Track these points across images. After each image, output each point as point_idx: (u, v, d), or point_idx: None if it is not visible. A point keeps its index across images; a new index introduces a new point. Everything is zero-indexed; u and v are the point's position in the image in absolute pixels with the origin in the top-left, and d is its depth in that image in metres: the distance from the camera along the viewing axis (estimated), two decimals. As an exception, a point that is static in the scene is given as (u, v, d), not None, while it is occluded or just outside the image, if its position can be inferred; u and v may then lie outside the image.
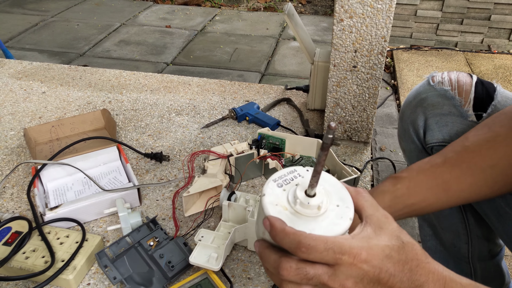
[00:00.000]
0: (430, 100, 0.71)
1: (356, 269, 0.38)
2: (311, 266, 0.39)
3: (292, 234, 0.39)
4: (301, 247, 0.38)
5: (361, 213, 0.44)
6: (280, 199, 0.43)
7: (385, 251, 0.39)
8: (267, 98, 1.43)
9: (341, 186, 0.45)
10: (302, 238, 0.38)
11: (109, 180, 1.01)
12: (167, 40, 2.69)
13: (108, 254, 0.78)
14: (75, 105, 1.37)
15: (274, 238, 0.40)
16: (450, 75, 0.71)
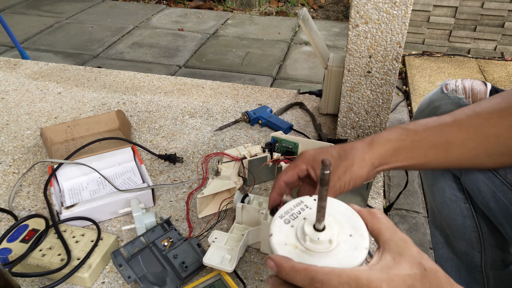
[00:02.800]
0: (443, 109, 0.71)
1: None
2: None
3: (303, 270, 0.37)
4: (315, 283, 0.36)
5: (378, 237, 0.42)
6: (288, 237, 0.41)
7: (407, 282, 0.37)
8: (279, 102, 1.44)
9: (352, 212, 0.43)
10: (314, 274, 0.36)
11: (124, 181, 1.02)
12: (179, 43, 2.71)
13: (123, 253, 0.79)
14: (90, 106, 1.38)
15: (285, 278, 0.38)
16: (464, 83, 0.71)
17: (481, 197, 0.69)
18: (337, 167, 0.56)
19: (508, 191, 0.63)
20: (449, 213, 0.78)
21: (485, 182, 0.67)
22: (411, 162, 0.59)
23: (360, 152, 0.57)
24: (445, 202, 0.78)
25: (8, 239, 0.83)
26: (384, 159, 0.58)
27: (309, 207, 0.45)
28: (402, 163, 0.59)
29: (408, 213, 1.41)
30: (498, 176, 0.65)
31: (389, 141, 0.58)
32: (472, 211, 0.76)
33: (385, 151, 0.58)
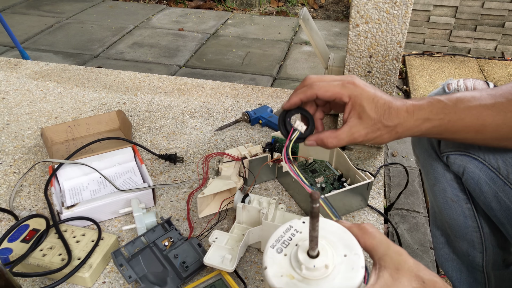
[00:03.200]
0: None
1: None
2: None
3: None
4: None
5: (372, 253, 0.42)
6: (283, 268, 0.41)
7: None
8: (280, 102, 1.44)
9: (343, 230, 0.43)
10: None
11: (124, 181, 1.02)
12: (180, 43, 2.71)
13: (124, 253, 0.79)
14: (90, 106, 1.38)
15: None
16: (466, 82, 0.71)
17: (482, 197, 0.69)
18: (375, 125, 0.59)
19: (510, 191, 0.63)
20: (450, 213, 0.78)
21: (487, 183, 0.67)
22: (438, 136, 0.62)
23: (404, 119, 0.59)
24: (447, 202, 0.78)
25: (9, 239, 0.83)
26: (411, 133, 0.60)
27: (299, 231, 0.44)
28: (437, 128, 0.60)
29: (408, 213, 1.41)
30: (500, 176, 0.65)
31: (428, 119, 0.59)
32: (474, 211, 0.76)
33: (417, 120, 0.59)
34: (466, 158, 0.67)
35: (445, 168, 0.74)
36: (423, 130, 0.59)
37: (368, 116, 0.58)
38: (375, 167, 1.14)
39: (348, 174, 0.99)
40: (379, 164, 1.16)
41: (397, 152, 1.73)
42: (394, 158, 1.69)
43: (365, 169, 1.13)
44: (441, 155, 0.72)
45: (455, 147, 0.69)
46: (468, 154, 0.67)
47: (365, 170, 1.10)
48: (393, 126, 0.59)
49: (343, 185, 0.96)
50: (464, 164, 0.68)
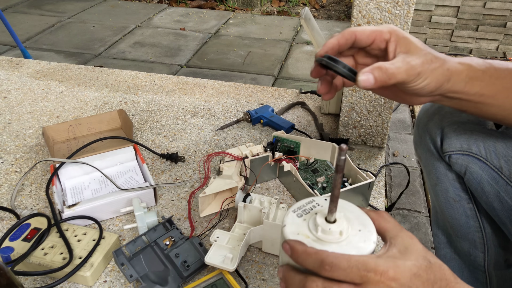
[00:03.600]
0: (447, 108, 0.71)
1: (384, 286, 0.37)
2: (337, 285, 0.38)
3: (314, 253, 0.39)
4: (325, 265, 0.38)
5: (384, 235, 0.43)
6: (301, 228, 0.44)
7: (412, 270, 0.38)
8: (281, 101, 1.44)
9: (361, 212, 0.45)
10: (324, 257, 0.38)
11: (126, 180, 1.02)
12: (181, 43, 2.71)
13: (125, 252, 0.79)
14: (92, 105, 1.39)
15: (296, 261, 0.40)
16: None
17: (484, 197, 0.68)
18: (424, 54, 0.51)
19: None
20: (452, 213, 0.78)
21: (489, 182, 0.66)
22: (479, 99, 0.54)
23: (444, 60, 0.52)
24: (449, 202, 0.78)
25: (10, 238, 0.83)
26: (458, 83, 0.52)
27: (321, 205, 0.47)
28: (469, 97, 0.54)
29: (409, 213, 1.41)
30: (503, 176, 0.64)
31: (470, 65, 0.53)
32: (476, 211, 0.76)
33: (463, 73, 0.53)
34: (468, 158, 0.67)
35: (447, 168, 0.74)
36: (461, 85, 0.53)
37: (416, 46, 0.51)
38: (376, 167, 1.14)
39: (350, 174, 0.99)
40: (380, 164, 1.16)
41: (398, 152, 1.73)
42: (395, 158, 1.69)
43: (366, 168, 1.13)
44: (443, 155, 0.72)
45: (458, 146, 0.69)
46: (470, 154, 0.67)
47: (367, 170, 1.09)
48: (443, 60, 0.52)
49: (345, 184, 0.96)
50: (466, 164, 0.68)
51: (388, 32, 0.52)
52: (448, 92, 0.52)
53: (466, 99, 0.54)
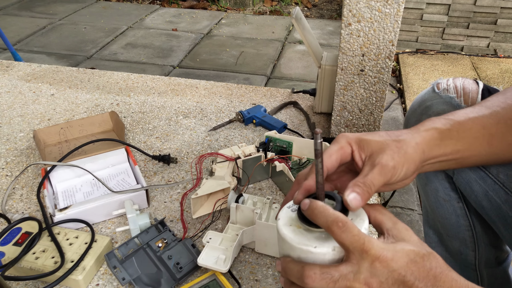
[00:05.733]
0: (435, 108, 0.71)
1: (381, 268, 0.38)
2: (335, 268, 0.39)
3: (329, 210, 0.40)
4: (338, 222, 0.39)
5: (380, 227, 0.44)
6: (293, 220, 0.45)
7: (410, 256, 0.39)
8: (273, 101, 1.44)
9: None
10: (338, 215, 0.40)
11: (118, 182, 1.02)
12: (173, 43, 2.71)
13: (117, 255, 0.79)
14: (83, 107, 1.38)
15: (311, 215, 0.41)
16: (456, 82, 0.70)
17: (473, 196, 0.69)
18: (388, 146, 0.47)
19: (500, 190, 0.64)
20: (442, 212, 0.78)
21: (478, 182, 0.67)
22: (456, 156, 0.53)
23: (410, 136, 0.49)
24: (439, 201, 0.78)
25: (1, 242, 0.82)
26: (432, 150, 0.51)
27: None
28: (447, 157, 0.53)
29: (403, 211, 1.42)
30: (490, 175, 0.65)
31: (436, 129, 0.52)
32: (466, 210, 0.76)
33: (433, 138, 0.51)
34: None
35: (436, 168, 0.74)
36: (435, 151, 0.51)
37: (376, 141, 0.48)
38: (368, 166, 1.14)
39: (342, 173, 0.99)
40: (373, 162, 1.16)
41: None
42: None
43: (359, 167, 1.13)
44: None
45: None
46: None
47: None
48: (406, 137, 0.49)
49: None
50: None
51: (348, 144, 0.48)
52: (427, 160, 0.51)
53: (446, 160, 0.53)
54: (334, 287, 0.39)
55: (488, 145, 0.55)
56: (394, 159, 0.46)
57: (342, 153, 0.48)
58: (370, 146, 0.47)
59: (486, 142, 0.54)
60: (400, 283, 0.38)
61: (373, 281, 0.38)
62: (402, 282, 0.38)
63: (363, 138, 0.48)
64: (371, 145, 0.47)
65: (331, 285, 0.39)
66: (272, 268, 0.83)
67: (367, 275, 0.38)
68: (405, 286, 0.38)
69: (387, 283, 0.38)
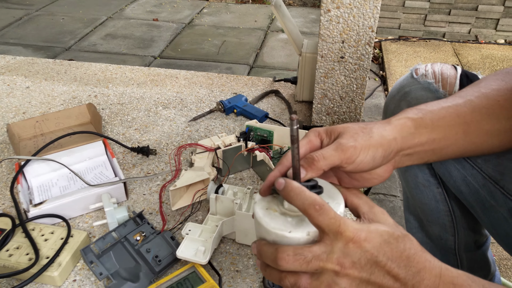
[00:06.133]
0: (413, 94, 0.70)
1: (354, 248, 0.38)
2: (308, 249, 0.39)
3: (307, 192, 0.40)
4: (315, 205, 0.39)
5: (357, 211, 0.44)
6: (270, 203, 0.45)
7: (383, 236, 0.39)
8: (255, 90, 1.42)
9: (332, 186, 0.46)
10: (316, 197, 0.40)
11: (95, 175, 0.99)
12: (154, 34, 2.66)
13: (94, 249, 0.77)
14: (60, 99, 1.34)
15: (287, 195, 0.41)
16: (434, 67, 0.70)
17: (452, 182, 0.69)
18: (353, 129, 0.47)
19: (478, 175, 0.63)
20: (422, 198, 0.78)
21: (456, 167, 0.67)
22: (432, 145, 0.52)
23: (380, 124, 0.49)
24: (418, 187, 0.78)
25: (-27, 240, 0.80)
26: (406, 139, 0.50)
27: None
28: (423, 147, 0.52)
29: (385, 197, 1.42)
30: (468, 160, 0.65)
31: (408, 118, 0.51)
32: (445, 195, 0.76)
33: (406, 127, 0.50)
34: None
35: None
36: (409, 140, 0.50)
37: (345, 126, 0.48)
38: (350, 153, 1.14)
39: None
40: (355, 150, 1.15)
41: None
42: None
43: (341, 155, 1.13)
44: None
45: None
46: None
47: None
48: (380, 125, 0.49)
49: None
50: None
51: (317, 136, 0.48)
52: (401, 150, 0.50)
53: (422, 150, 0.52)
54: (307, 267, 0.39)
55: (464, 134, 0.54)
56: (356, 140, 0.45)
57: (311, 146, 0.48)
58: (336, 131, 0.47)
59: (462, 131, 0.54)
60: (372, 263, 0.38)
61: (345, 261, 0.38)
62: (374, 262, 0.38)
63: (331, 127, 0.49)
64: (337, 130, 0.47)
65: (304, 266, 0.39)
66: (253, 258, 0.82)
67: (340, 255, 0.38)
68: (377, 266, 0.38)
69: (359, 263, 0.38)
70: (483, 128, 0.54)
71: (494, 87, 0.56)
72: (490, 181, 0.62)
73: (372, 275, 0.39)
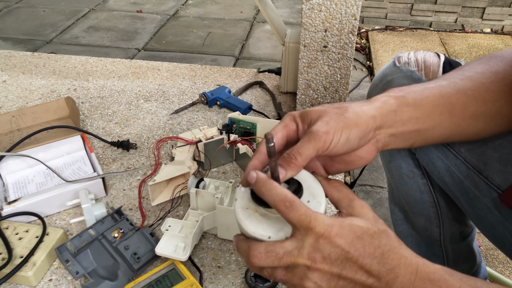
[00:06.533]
0: (396, 83, 0.68)
1: (324, 243, 0.38)
2: (280, 245, 0.39)
3: (279, 188, 0.39)
4: (286, 201, 0.38)
5: (337, 205, 0.43)
6: (250, 203, 0.43)
7: (356, 232, 0.39)
8: (239, 82, 1.40)
9: (313, 180, 0.45)
10: (287, 193, 0.39)
11: (73, 171, 0.96)
12: (138, 26, 2.61)
13: (69, 248, 0.75)
14: (38, 93, 1.31)
15: (259, 192, 0.40)
16: (417, 55, 0.68)
17: (436, 172, 0.67)
18: (326, 113, 0.45)
19: (461, 165, 0.62)
20: (406, 189, 0.77)
21: (440, 157, 0.65)
22: (416, 125, 0.49)
23: (359, 103, 0.47)
24: (403, 178, 0.76)
25: None
26: (388, 116, 0.47)
27: None
28: (406, 126, 0.49)
29: (372, 189, 1.41)
30: (452, 150, 0.63)
31: (390, 96, 0.49)
32: (429, 186, 0.74)
33: (389, 105, 0.48)
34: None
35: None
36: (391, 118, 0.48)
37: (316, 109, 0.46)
38: (335, 145, 1.12)
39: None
40: (340, 141, 1.14)
41: (361, 128, 1.72)
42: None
43: (325, 147, 1.11)
44: None
45: None
46: None
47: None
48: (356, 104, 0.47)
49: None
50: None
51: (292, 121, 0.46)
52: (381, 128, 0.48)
53: (407, 131, 0.50)
54: (279, 263, 0.39)
55: (449, 114, 0.52)
56: (329, 124, 0.43)
57: (288, 130, 0.46)
58: (310, 116, 0.45)
59: (447, 111, 0.52)
60: (343, 259, 0.38)
61: (316, 256, 0.38)
62: (345, 257, 0.38)
63: (305, 111, 0.46)
64: (311, 115, 0.45)
65: (276, 262, 0.39)
66: (236, 254, 0.81)
67: (311, 250, 0.38)
68: (349, 261, 0.38)
69: (329, 258, 0.38)
70: (469, 110, 0.53)
71: (478, 70, 0.55)
72: (474, 171, 0.61)
73: (343, 270, 0.38)
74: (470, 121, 0.54)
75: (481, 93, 0.53)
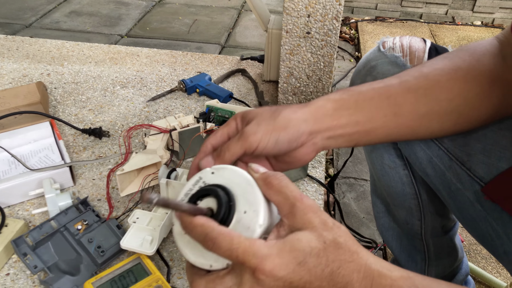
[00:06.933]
0: (380, 68, 0.65)
1: (263, 278, 0.34)
2: (220, 280, 0.36)
3: (199, 226, 0.36)
4: (207, 241, 0.35)
5: (278, 210, 0.38)
6: None
7: (298, 259, 0.34)
8: (221, 69, 1.35)
9: (247, 183, 0.39)
10: (209, 231, 0.36)
11: (40, 159, 0.91)
12: (122, 11, 2.54)
13: (28, 240, 0.70)
14: (8, 78, 1.24)
15: (184, 230, 0.38)
16: (402, 40, 0.65)
17: (418, 163, 0.64)
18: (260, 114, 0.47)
19: (444, 156, 0.59)
20: (388, 180, 0.73)
21: (422, 148, 0.62)
22: (356, 128, 0.49)
23: (293, 107, 0.48)
24: (384, 169, 0.73)
25: None
26: (323, 121, 0.48)
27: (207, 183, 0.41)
28: (345, 129, 0.49)
29: (356, 181, 1.38)
30: (435, 141, 0.60)
31: (329, 100, 0.49)
32: (412, 177, 0.71)
33: (325, 109, 0.48)
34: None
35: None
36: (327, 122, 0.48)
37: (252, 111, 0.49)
38: (317, 135, 1.08)
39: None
40: (322, 131, 1.10)
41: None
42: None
43: (307, 137, 1.07)
44: None
45: None
46: None
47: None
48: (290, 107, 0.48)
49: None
50: (398, 130, 0.62)
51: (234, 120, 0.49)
52: (316, 132, 0.48)
53: (346, 133, 0.49)
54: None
55: (395, 116, 0.50)
56: (259, 125, 0.45)
57: (228, 129, 0.49)
58: (247, 117, 0.48)
59: (391, 113, 0.50)
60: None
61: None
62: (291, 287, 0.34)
63: (247, 111, 0.49)
64: (249, 116, 0.47)
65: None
66: (207, 248, 0.76)
67: (251, 286, 0.34)
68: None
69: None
70: (419, 110, 0.51)
71: (438, 66, 0.52)
72: (457, 162, 0.57)
73: None
74: (421, 121, 0.52)
75: (434, 92, 0.51)
